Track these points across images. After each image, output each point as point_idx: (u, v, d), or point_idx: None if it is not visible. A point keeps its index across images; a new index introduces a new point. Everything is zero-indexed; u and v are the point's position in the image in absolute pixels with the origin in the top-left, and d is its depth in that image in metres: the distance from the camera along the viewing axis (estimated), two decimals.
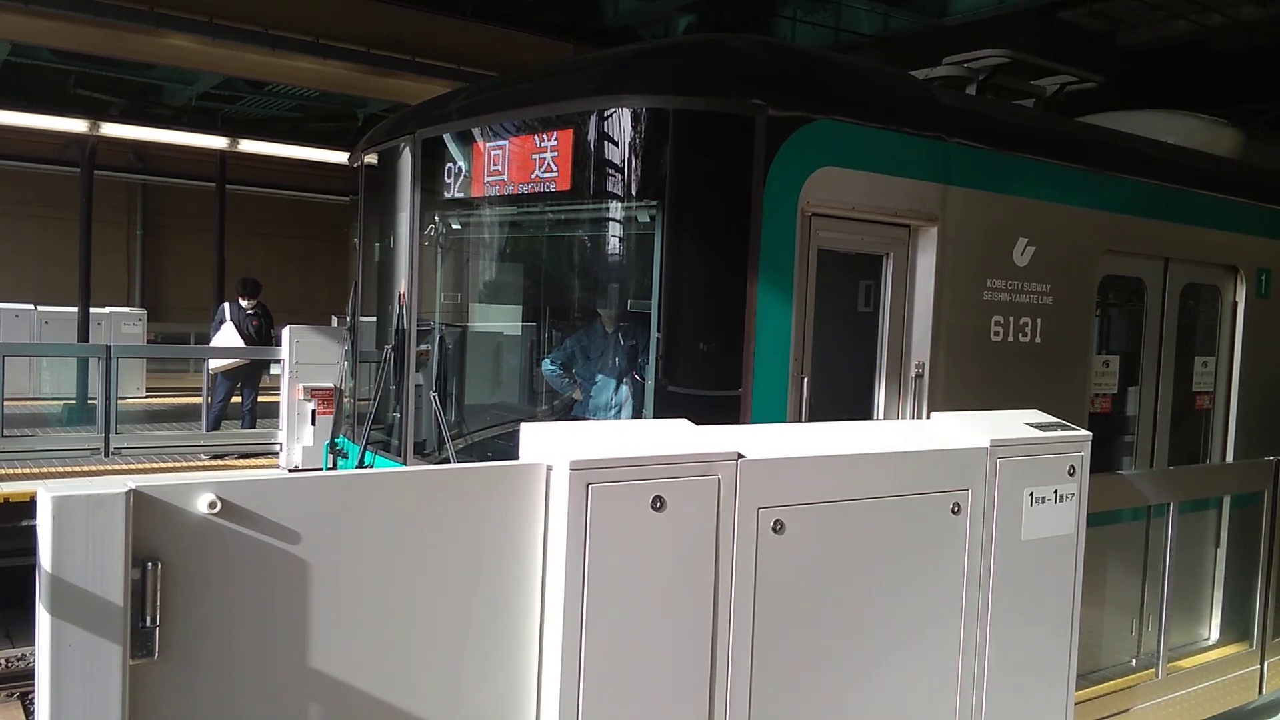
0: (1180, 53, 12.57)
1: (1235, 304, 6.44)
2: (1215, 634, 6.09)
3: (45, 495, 2.00)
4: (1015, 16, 11.53)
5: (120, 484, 2.06)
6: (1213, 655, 5.83)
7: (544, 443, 2.63)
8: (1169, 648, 5.31)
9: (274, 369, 11.92)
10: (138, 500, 2.08)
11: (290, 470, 10.27)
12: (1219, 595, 6.11)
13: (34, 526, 2.05)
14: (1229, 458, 6.40)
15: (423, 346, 5.36)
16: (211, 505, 2.15)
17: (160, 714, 2.15)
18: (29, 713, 7.89)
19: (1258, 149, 7.40)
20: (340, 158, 13.04)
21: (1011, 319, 5.09)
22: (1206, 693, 5.47)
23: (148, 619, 2.11)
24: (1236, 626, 6.03)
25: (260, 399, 12.64)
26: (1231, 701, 5.66)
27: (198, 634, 2.18)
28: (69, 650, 2.02)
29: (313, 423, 10.57)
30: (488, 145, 4.84)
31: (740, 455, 2.80)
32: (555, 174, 4.45)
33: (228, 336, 12.35)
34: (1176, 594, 5.40)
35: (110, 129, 13.97)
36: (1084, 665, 4.35)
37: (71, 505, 2.01)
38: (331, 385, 10.26)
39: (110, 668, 2.06)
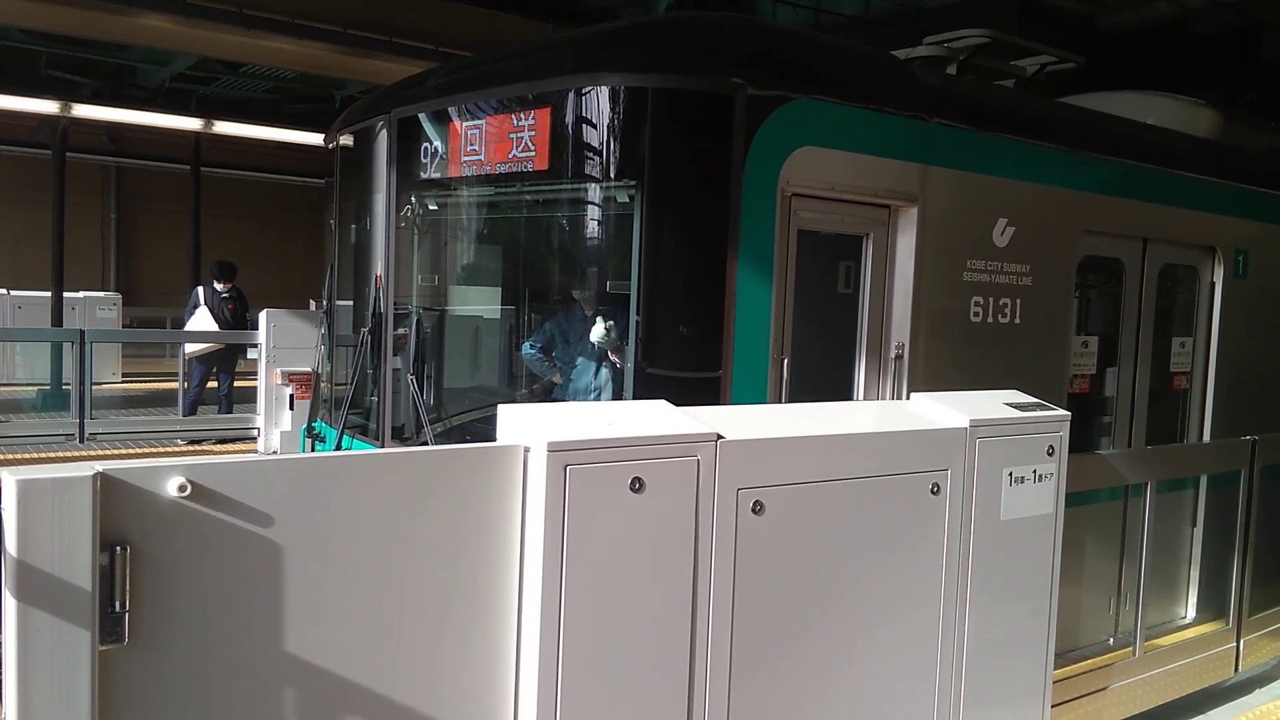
0: (1160, 35, 12.60)
1: (1213, 285, 6.47)
2: (1192, 612, 6.13)
3: (10, 479, 1.95)
4: None
5: (87, 467, 2.02)
6: (1189, 633, 5.88)
7: (522, 424, 2.61)
8: (1146, 626, 5.35)
9: (250, 353, 11.82)
10: (105, 483, 2.03)
11: (269, 455, 10.19)
12: (1195, 574, 6.16)
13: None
14: (1206, 437, 6.44)
15: (400, 330, 5.31)
16: (181, 488, 2.11)
17: (131, 700, 2.12)
18: None
19: (1236, 130, 7.42)
20: (316, 139, 12.93)
21: (991, 300, 5.09)
22: (1183, 670, 5.51)
23: (117, 604, 2.07)
24: (1213, 605, 6.08)
25: (237, 384, 12.54)
26: (1208, 679, 5.71)
27: (169, 619, 2.15)
28: (36, 636, 1.98)
29: (291, 407, 10.49)
30: (464, 125, 4.79)
31: (720, 436, 2.78)
32: (533, 153, 4.40)
33: (202, 321, 12.24)
34: (1154, 573, 5.43)
35: (83, 110, 13.81)
36: (1062, 644, 4.36)
37: (37, 489, 1.97)
38: (309, 369, 10.17)
39: (79, 654, 2.02)
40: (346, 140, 5.84)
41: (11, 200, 22.61)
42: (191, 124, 15.09)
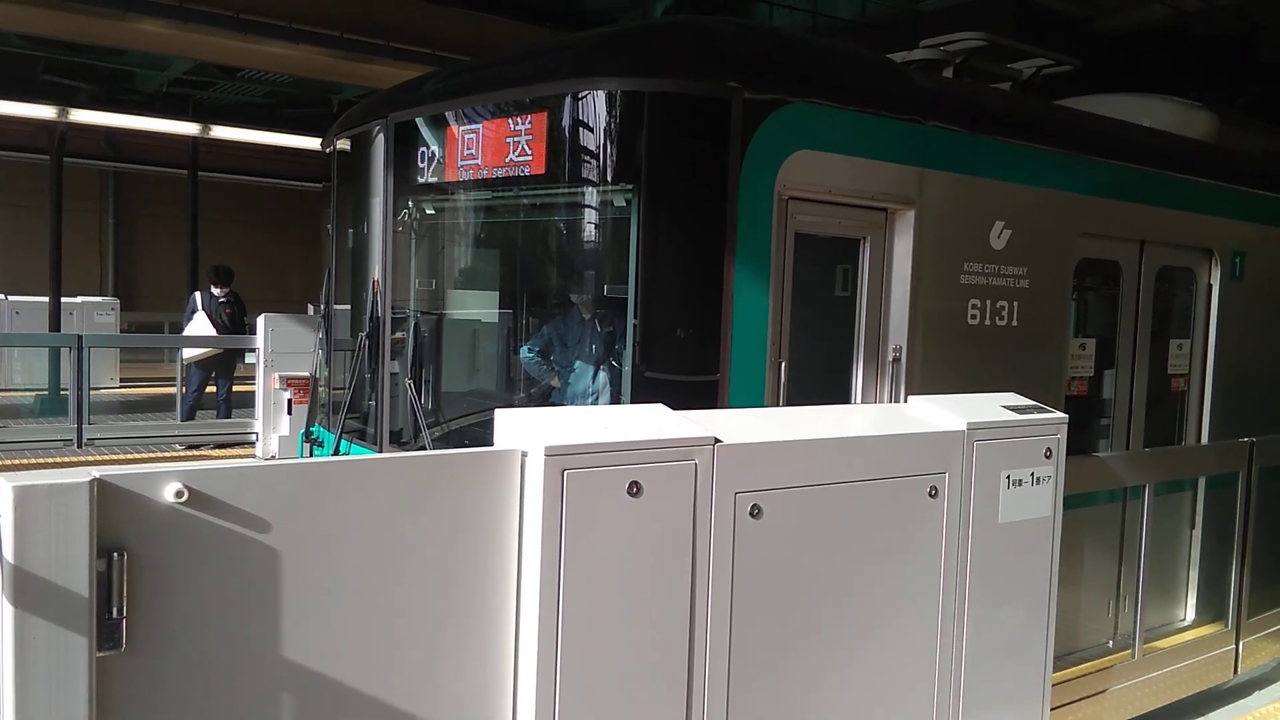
0: (1157, 37, 12.63)
1: (1210, 287, 6.47)
2: (1191, 614, 6.13)
3: (6, 485, 1.95)
4: (991, 1, 11.52)
5: (84, 473, 2.02)
6: (1188, 636, 5.88)
7: (519, 429, 2.60)
8: (1145, 628, 5.35)
9: (248, 358, 11.82)
10: (102, 490, 2.03)
11: (267, 459, 10.17)
12: (1194, 576, 6.16)
13: None
14: (1204, 439, 6.44)
15: (398, 334, 5.31)
16: (178, 494, 2.10)
17: (128, 706, 2.11)
18: None
19: (1232, 132, 7.43)
20: (314, 144, 12.94)
21: (988, 302, 5.09)
22: (1182, 673, 5.51)
23: (114, 610, 2.06)
24: (1212, 607, 6.08)
25: (235, 388, 12.53)
26: (1207, 681, 5.70)
27: (166, 625, 2.14)
28: (33, 643, 1.98)
29: (289, 412, 10.47)
30: (461, 129, 4.79)
31: (717, 440, 2.78)
32: (530, 158, 4.40)
33: (200, 326, 12.24)
34: (1152, 575, 5.43)
35: (80, 115, 13.81)
36: (1061, 647, 4.36)
37: (34, 495, 1.96)
38: (307, 374, 10.16)
39: (76, 661, 2.01)
40: (344, 145, 5.84)
41: (10, 205, 22.61)
42: (189, 129, 15.11)
